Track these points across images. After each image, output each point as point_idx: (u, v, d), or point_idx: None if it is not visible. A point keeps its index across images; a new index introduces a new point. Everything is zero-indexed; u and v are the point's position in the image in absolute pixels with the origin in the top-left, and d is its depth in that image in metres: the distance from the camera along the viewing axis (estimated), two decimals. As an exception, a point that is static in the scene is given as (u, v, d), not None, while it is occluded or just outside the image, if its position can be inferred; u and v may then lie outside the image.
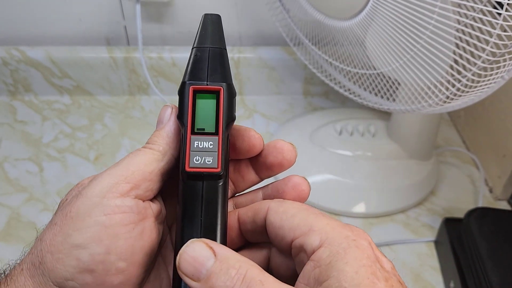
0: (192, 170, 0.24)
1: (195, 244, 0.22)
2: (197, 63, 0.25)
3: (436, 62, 0.43)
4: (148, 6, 0.73)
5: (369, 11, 0.46)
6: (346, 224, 0.23)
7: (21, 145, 0.68)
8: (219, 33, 0.27)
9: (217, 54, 0.26)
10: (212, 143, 0.24)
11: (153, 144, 0.25)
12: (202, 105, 0.25)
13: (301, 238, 0.22)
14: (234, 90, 0.25)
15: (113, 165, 0.25)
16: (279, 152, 0.27)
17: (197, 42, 0.26)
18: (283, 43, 0.71)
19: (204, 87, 0.25)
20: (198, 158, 0.24)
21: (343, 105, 0.78)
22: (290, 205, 0.24)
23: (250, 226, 0.26)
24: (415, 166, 0.63)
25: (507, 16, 0.36)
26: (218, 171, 0.24)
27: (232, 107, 0.25)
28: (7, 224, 0.57)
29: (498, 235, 0.50)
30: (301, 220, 0.23)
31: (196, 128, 0.24)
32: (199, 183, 0.24)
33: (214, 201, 0.24)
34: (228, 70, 0.25)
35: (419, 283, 0.52)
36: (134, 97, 0.78)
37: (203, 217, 0.24)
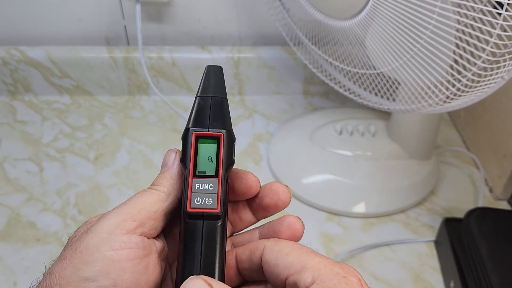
0: (193, 210, 0.25)
1: (194, 280, 0.23)
2: (200, 111, 0.27)
3: (436, 62, 0.43)
4: (148, 6, 0.73)
5: (369, 11, 0.46)
6: (337, 262, 0.24)
7: (21, 145, 0.68)
8: (221, 83, 0.29)
9: (218, 103, 0.28)
10: (212, 185, 0.26)
11: (158, 185, 0.27)
12: (203, 150, 0.27)
13: (295, 276, 0.24)
14: (233, 135, 0.27)
15: (121, 204, 0.26)
16: (274, 194, 0.28)
17: (200, 91, 0.28)
18: (283, 43, 0.71)
19: (206, 133, 0.27)
20: (199, 199, 0.26)
21: (343, 105, 0.78)
22: (285, 244, 0.26)
23: (247, 265, 0.27)
24: (415, 166, 0.63)
25: (507, 16, 0.36)
26: (217, 211, 0.25)
27: (231, 151, 0.27)
28: (7, 224, 0.57)
29: (498, 235, 0.50)
30: (295, 258, 0.24)
31: (198, 171, 0.26)
32: (199, 222, 0.25)
33: (213, 240, 0.25)
34: (228, 118, 0.28)
35: (419, 283, 0.52)
36: (134, 97, 0.78)
37: (203, 255, 0.25)
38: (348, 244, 0.56)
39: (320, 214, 0.60)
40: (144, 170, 0.65)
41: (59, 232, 0.56)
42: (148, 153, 0.68)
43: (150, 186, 0.28)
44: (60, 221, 0.58)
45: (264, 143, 0.70)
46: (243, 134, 0.72)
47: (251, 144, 0.70)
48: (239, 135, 0.71)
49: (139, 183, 0.63)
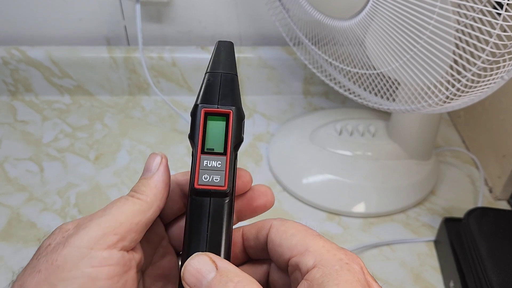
0: (200, 187, 0.25)
1: (199, 257, 0.23)
2: (209, 87, 0.27)
3: (436, 62, 0.43)
4: (148, 6, 0.73)
5: (369, 11, 0.46)
6: (341, 248, 0.24)
7: (21, 144, 0.68)
8: (231, 59, 0.28)
9: (229, 79, 0.27)
10: (220, 162, 0.26)
11: (140, 193, 0.26)
12: (212, 127, 0.26)
13: (297, 257, 0.24)
14: (243, 113, 0.27)
15: (100, 213, 0.25)
16: (264, 195, 0.29)
17: (210, 67, 0.28)
18: (283, 43, 0.71)
19: (215, 110, 0.26)
20: (206, 176, 0.25)
21: (343, 105, 0.78)
22: (291, 224, 0.26)
23: (253, 243, 0.27)
24: (415, 166, 0.63)
25: (507, 16, 0.36)
26: (225, 189, 0.25)
27: (240, 129, 0.27)
28: (8, 224, 0.57)
29: (498, 235, 0.50)
30: (299, 240, 0.24)
31: (206, 148, 0.26)
32: (206, 199, 0.25)
33: (220, 218, 0.25)
34: (238, 95, 0.27)
35: (419, 283, 0.52)
36: (134, 97, 0.78)
37: (209, 232, 0.25)
38: (348, 244, 0.56)
39: (320, 214, 0.60)
40: (144, 170, 0.65)
41: (59, 232, 0.56)
42: (149, 153, 0.68)
43: (131, 192, 0.27)
44: (61, 221, 0.58)
45: (264, 143, 0.70)
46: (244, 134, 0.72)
47: (251, 144, 0.70)
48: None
49: (139, 183, 0.63)
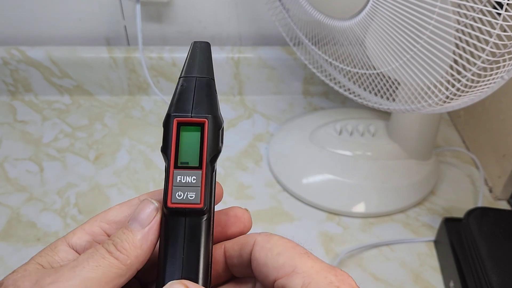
0: (174, 205, 0.23)
1: (174, 286, 0.21)
2: (182, 94, 0.25)
3: (436, 62, 0.43)
4: (148, 6, 0.73)
5: (369, 11, 0.46)
6: (331, 267, 0.22)
7: (21, 144, 0.68)
8: (208, 61, 0.26)
9: (204, 84, 0.25)
10: (195, 177, 0.23)
11: (121, 252, 0.22)
12: (186, 138, 0.24)
13: (284, 279, 0.22)
14: (220, 121, 0.25)
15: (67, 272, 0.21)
16: (241, 222, 0.26)
17: (184, 71, 0.25)
18: (283, 43, 0.71)
19: (188, 120, 0.24)
20: (180, 193, 0.23)
21: (343, 105, 0.78)
22: (276, 241, 0.23)
23: (237, 261, 0.25)
24: (415, 166, 0.63)
25: (507, 16, 0.36)
26: (201, 206, 0.23)
27: (217, 139, 0.24)
28: (7, 224, 0.57)
29: (498, 234, 0.50)
30: (286, 260, 0.22)
31: (180, 162, 0.24)
32: (181, 219, 0.23)
33: (197, 238, 0.23)
34: (214, 101, 0.25)
35: (419, 283, 0.52)
36: (134, 97, 0.78)
37: (185, 255, 0.23)
38: (348, 244, 0.56)
39: (320, 214, 0.60)
40: (144, 170, 0.65)
41: (59, 232, 0.56)
42: (148, 153, 0.68)
43: (109, 246, 0.22)
44: (61, 221, 0.58)
45: (264, 143, 0.70)
46: (243, 134, 0.72)
47: (251, 144, 0.70)
48: (239, 135, 0.71)
49: (139, 183, 0.63)
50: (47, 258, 0.23)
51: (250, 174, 0.65)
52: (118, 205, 0.26)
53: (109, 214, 0.25)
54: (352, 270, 0.53)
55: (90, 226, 0.25)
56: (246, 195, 0.62)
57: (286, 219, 0.59)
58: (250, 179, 0.64)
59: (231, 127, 0.73)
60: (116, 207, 0.25)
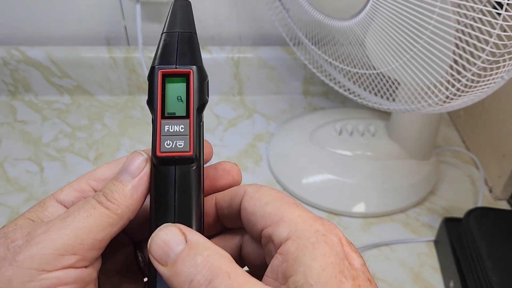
0: (163, 154, 0.23)
1: (168, 228, 0.21)
2: (166, 47, 0.25)
3: (436, 62, 0.43)
4: (148, 6, 0.73)
5: (369, 11, 0.46)
6: (318, 217, 0.22)
7: (21, 144, 0.68)
8: (189, 18, 0.26)
9: (186, 38, 0.25)
10: (183, 126, 0.23)
11: (111, 201, 0.22)
12: (172, 89, 0.24)
13: (271, 228, 0.22)
14: (204, 72, 0.25)
15: (58, 223, 0.22)
16: (229, 175, 0.26)
17: (166, 27, 0.26)
18: (283, 43, 0.71)
19: (173, 71, 0.24)
20: (169, 142, 0.23)
21: (343, 105, 0.78)
22: (266, 192, 0.23)
23: (227, 211, 0.25)
24: (415, 166, 0.63)
25: (507, 16, 0.36)
26: (190, 154, 0.23)
27: (203, 89, 0.24)
28: (7, 224, 0.57)
29: (498, 234, 0.50)
30: (273, 209, 0.22)
31: (167, 112, 0.24)
32: (171, 168, 0.23)
33: (188, 186, 0.23)
34: (198, 53, 0.25)
35: (419, 283, 0.52)
36: (134, 97, 0.78)
37: (177, 203, 0.23)
38: (348, 244, 0.56)
39: (320, 214, 0.60)
40: (144, 170, 0.65)
41: (59, 232, 0.56)
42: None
43: (100, 196, 0.23)
44: (60, 221, 0.58)
45: (264, 143, 0.70)
46: (243, 134, 0.72)
47: (251, 144, 0.70)
48: (239, 135, 0.71)
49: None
50: (37, 214, 0.23)
51: (250, 174, 0.65)
52: (106, 164, 0.26)
53: (96, 172, 0.26)
54: (352, 270, 0.53)
55: (78, 183, 0.25)
56: (246, 195, 0.62)
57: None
58: (250, 179, 0.64)
59: (231, 127, 0.73)
60: (104, 166, 0.26)
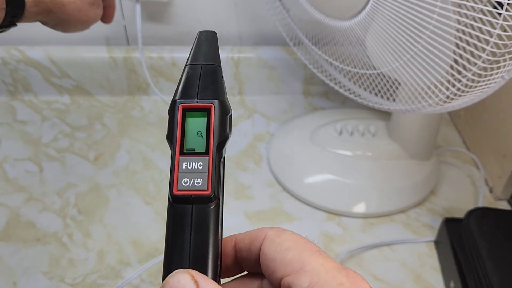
0: (180, 193, 0.22)
1: (179, 275, 0.20)
2: (188, 80, 0.24)
3: (436, 62, 0.43)
4: (148, 6, 0.73)
5: (369, 11, 0.46)
6: (343, 268, 0.21)
7: (20, 145, 0.68)
8: (213, 49, 0.26)
9: (210, 71, 0.25)
10: (202, 163, 0.23)
11: None
12: (192, 124, 0.23)
13: (291, 277, 0.21)
14: (227, 107, 0.24)
15: None
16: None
17: (190, 59, 0.25)
18: (283, 43, 0.71)
19: (194, 105, 0.23)
20: (186, 180, 0.22)
21: (343, 105, 0.78)
22: (288, 237, 0.22)
23: (246, 254, 0.24)
24: (415, 166, 0.63)
25: (507, 16, 0.36)
26: (208, 193, 0.22)
27: (225, 125, 0.24)
28: (7, 224, 0.57)
29: (498, 235, 0.50)
30: (295, 256, 0.21)
31: (186, 148, 0.23)
32: (188, 206, 0.22)
33: (205, 227, 0.22)
34: (221, 87, 0.24)
35: (419, 283, 0.52)
36: (133, 97, 0.78)
37: (192, 244, 0.22)
38: (348, 244, 0.56)
39: (320, 214, 0.60)
40: (144, 170, 0.65)
41: (58, 232, 0.56)
42: (148, 153, 0.68)
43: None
44: (60, 221, 0.58)
45: (264, 143, 0.70)
46: (243, 134, 0.72)
47: (251, 144, 0.70)
48: (239, 135, 0.71)
49: (138, 183, 0.63)
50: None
51: (250, 174, 0.65)
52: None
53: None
54: (352, 271, 0.53)
55: None
56: (246, 195, 0.62)
57: (286, 219, 0.59)
58: (250, 179, 0.64)
59: (231, 127, 0.73)
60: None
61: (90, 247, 0.55)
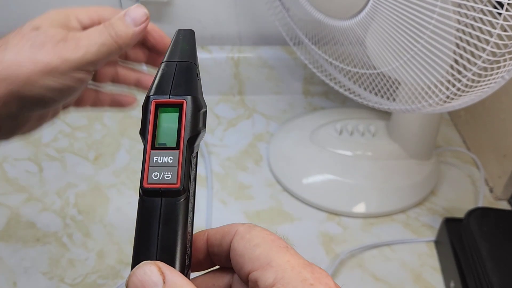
0: (149, 186, 0.23)
1: (146, 266, 0.21)
2: (162, 77, 0.25)
3: (436, 61, 0.43)
4: (148, 6, 0.73)
5: (369, 11, 0.46)
6: (308, 264, 0.21)
7: (20, 145, 0.68)
8: (190, 47, 0.26)
9: (184, 68, 0.25)
10: (172, 157, 0.23)
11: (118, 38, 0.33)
12: (164, 120, 0.24)
13: (258, 272, 0.21)
14: (200, 103, 0.24)
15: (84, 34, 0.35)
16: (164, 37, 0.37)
17: (166, 57, 0.26)
18: (283, 43, 0.71)
19: (166, 101, 0.24)
20: (156, 173, 0.23)
21: (343, 105, 0.78)
22: (257, 233, 0.23)
23: (217, 250, 0.24)
24: (415, 166, 0.63)
25: (507, 15, 0.36)
26: (177, 187, 0.23)
27: (197, 120, 0.24)
28: (7, 224, 0.57)
29: (499, 235, 0.50)
30: (262, 252, 0.21)
31: (157, 143, 0.24)
32: (157, 199, 0.23)
33: (173, 220, 0.23)
34: (194, 83, 0.25)
35: (419, 283, 0.52)
36: (134, 97, 0.78)
37: (160, 236, 0.22)
38: (348, 244, 0.56)
39: (320, 214, 0.60)
40: (144, 170, 0.65)
41: (58, 232, 0.56)
42: (148, 153, 0.68)
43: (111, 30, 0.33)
44: (60, 221, 0.58)
45: (264, 143, 0.70)
46: (243, 134, 0.72)
47: (251, 144, 0.70)
48: (239, 135, 0.71)
49: (138, 183, 0.63)
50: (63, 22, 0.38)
51: (250, 174, 0.65)
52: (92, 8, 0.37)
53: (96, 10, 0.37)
54: (352, 271, 0.53)
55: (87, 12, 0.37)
56: (246, 195, 0.62)
57: (286, 219, 0.59)
58: (250, 179, 0.64)
59: (231, 127, 0.73)
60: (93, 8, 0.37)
61: (90, 247, 0.55)
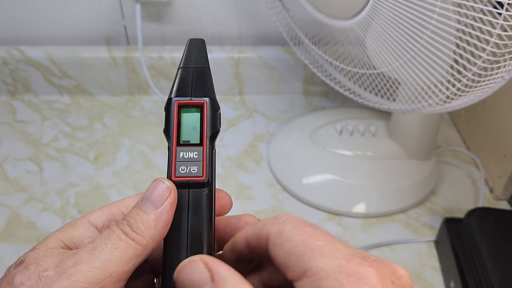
0: (178, 179, 0.25)
1: (193, 264, 0.21)
2: (182, 81, 0.27)
3: (436, 62, 0.43)
4: (148, 6, 0.73)
5: (369, 11, 0.46)
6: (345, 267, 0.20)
7: (21, 145, 0.68)
8: (203, 54, 0.29)
9: (201, 72, 0.28)
10: (197, 153, 0.25)
11: (136, 232, 0.23)
12: (187, 119, 0.26)
13: (297, 283, 0.20)
14: (217, 104, 0.27)
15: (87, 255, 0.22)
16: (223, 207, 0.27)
17: (182, 63, 0.28)
18: (283, 43, 0.71)
19: (188, 102, 0.26)
20: (183, 167, 0.25)
21: (343, 105, 0.78)
22: (288, 235, 0.22)
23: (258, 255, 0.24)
24: (416, 166, 0.63)
25: (507, 15, 0.36)
26: (203, 179, 0.25)
27: (215, 119, 0.26)
28: (7, 224, 0.57)
29: (499, 235, 0.50)
30: (297, 260, 0.21)
31: (182, 140, 0.26)
32: (185, 191, 0.25)
33: (200, 209, 0.25)
34: (211, 87, 0.27)
35: (419, 283, 0.52)
36: (134, 97, 0.78)
37: (190, 224, 0.24)
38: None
39: (320, 214, 0.60)
40: (144, 170, 0.65)
41: (59, 232, 0.56)
42: (148, 153, 0.68)
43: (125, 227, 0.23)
44: (60, 221, 0.58)
45: (264, 143, 0.70)
46: (243, 134, 0.72)
47: (251, 144, 0.70)
48: (240, 135, 0.71)
49: (139, 183, 0.63)
50: (67, 234, 0.24)
51: (250, 174, 0.65)
52: (133, 196, 0.27)
53: (125, 201, 0.27)
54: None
55: (108, 207, 0.26)
56: (246, 195, 0.62)
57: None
58: (250, 179, 0.64)
59: (231, 127, 0.73)
60: (132, 197, 0.27)
61: (90, 247, 0.55)
